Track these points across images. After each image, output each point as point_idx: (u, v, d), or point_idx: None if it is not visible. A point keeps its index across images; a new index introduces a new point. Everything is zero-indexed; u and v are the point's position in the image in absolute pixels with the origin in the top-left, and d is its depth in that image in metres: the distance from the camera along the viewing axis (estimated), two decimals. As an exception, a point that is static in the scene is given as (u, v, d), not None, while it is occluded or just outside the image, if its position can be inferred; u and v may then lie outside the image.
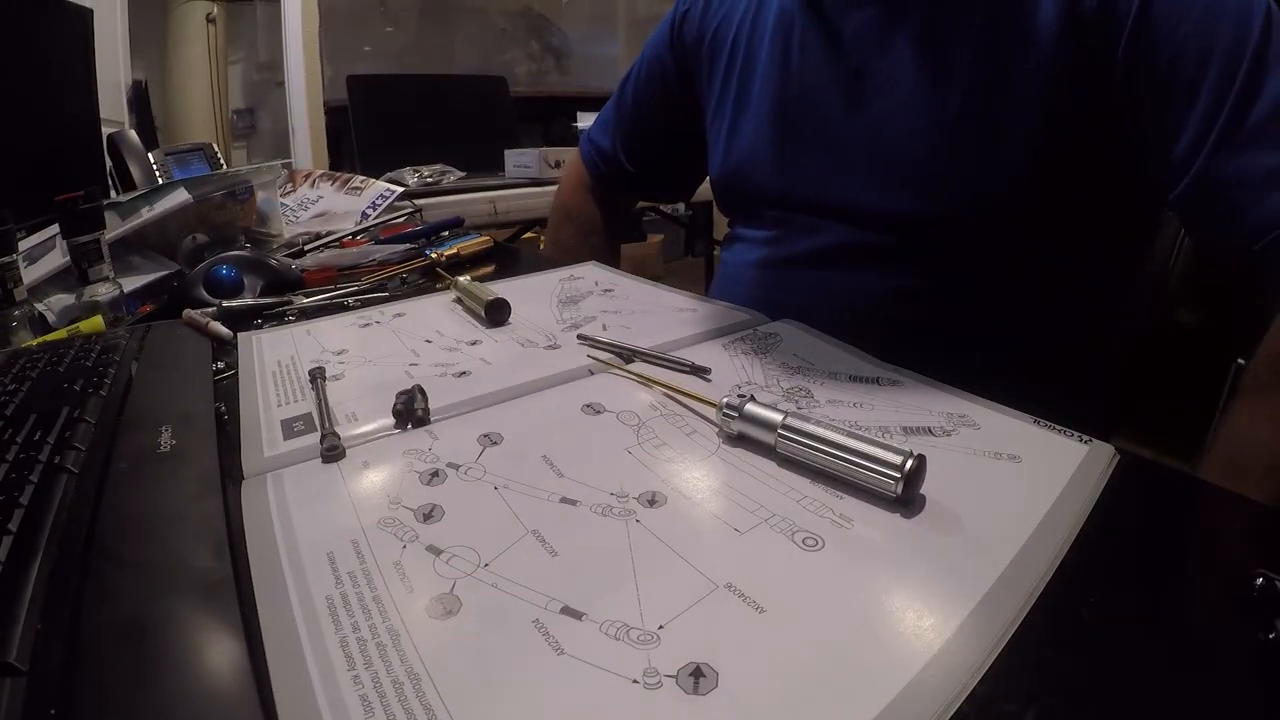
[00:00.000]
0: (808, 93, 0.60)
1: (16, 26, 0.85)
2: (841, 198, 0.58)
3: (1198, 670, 0.22)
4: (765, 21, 0.64)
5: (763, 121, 0.64)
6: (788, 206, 0.62)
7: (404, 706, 0.20)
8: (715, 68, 0.70)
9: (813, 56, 0.60)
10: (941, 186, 0.54)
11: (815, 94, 0.60)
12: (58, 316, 0.61)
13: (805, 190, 0.61)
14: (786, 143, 0.62)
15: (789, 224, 0.63)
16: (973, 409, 0.37)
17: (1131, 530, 0.29)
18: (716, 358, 0.44)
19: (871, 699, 0.20)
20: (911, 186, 0.55)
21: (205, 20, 2.37)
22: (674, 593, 0.24)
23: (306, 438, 0.36)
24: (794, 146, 0.61)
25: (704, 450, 0.34)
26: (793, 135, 0.61)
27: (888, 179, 0.56)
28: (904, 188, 0.55)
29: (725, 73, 0.68)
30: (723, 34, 0.69)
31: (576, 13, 3.12)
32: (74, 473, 0.30)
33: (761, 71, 0.64)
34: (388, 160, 1.53)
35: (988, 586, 0.24)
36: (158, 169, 1.39)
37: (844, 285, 0.59)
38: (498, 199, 1.40)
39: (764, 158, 0.64)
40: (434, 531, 0.28)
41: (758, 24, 0.65)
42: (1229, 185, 0.45)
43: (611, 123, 0.84)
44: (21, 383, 0.40)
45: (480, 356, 0.47)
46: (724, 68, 0.69)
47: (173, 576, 0.25)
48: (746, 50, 0.66)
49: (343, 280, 0.70)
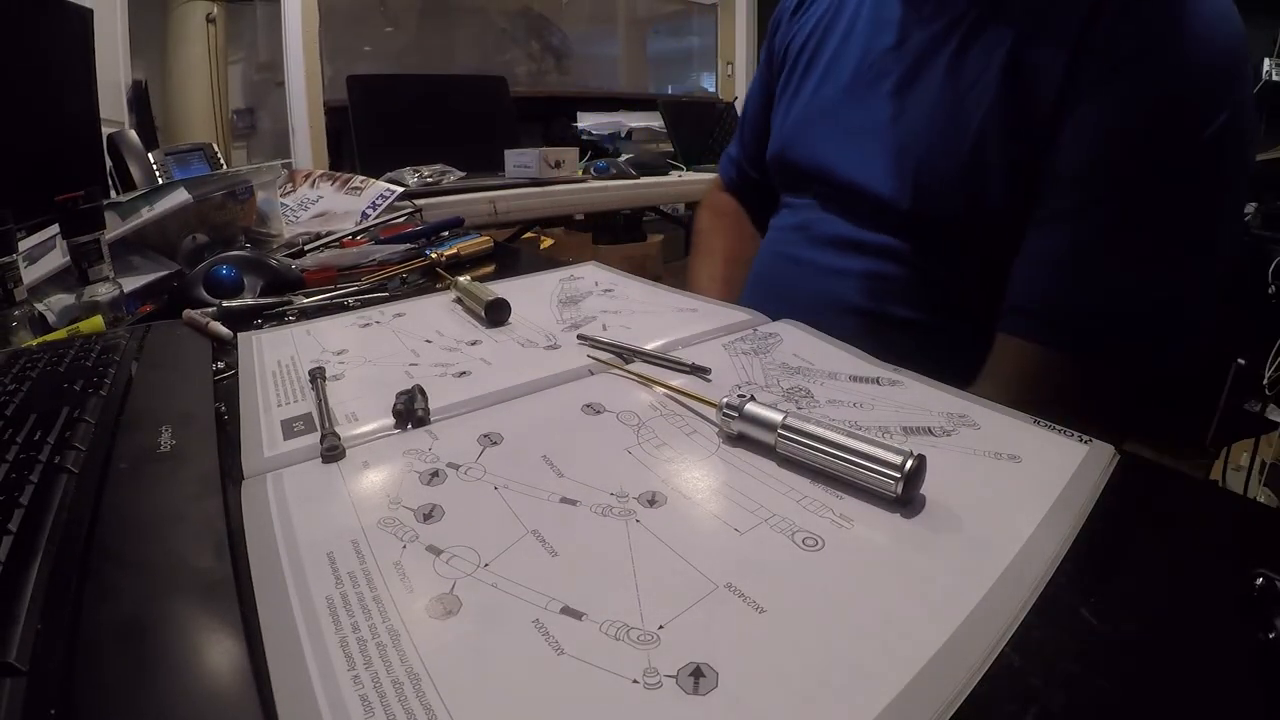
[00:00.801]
0: (858, 87, 0.63)
1: (16, 26, 0.85)
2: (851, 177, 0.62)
3: (1198, 670, 0.22)
4: (839, 22, 0.68)
5: (810, 107, 0.68)
6: (821, 181, 0.66)
7: (404, 706, 0.20)
8: (790, 60, 0.74)
9: (873, 58, 0.63)
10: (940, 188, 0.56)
11: (863, 90, 0.63)
12: (58, 316, 0.61)
13: (833, 168, 0.64)
14: (825, 126, 0.66)
15: (822, 198, 0.67)
16: (973, 409, 0.37)
17: (1131, 530, 0.29)
18: (716, 358, 0.44)
19: (871, 699, 0.20)
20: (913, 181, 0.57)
21: (205, 20, 2.37)
22: (674, 593, 0.24)
23: (306, 438, 0.36)
24: (830, 131, 0.65)
25: (704, 450, 0.34)
26: (829, 120, 0.66)
27: (900, 170, 0.58)
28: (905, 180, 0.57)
29: (795, 66, 0.73)
30: (802, 34, 0.73)
31: (576, 13, 3.12)
32: (74, 473, 0.30)
33: (824, 63, 0.68)
34: (388, 160, 1.52)
35: (988, 586, 0.24)
36: (158, 169, 1.39)
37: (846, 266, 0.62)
38: (498, 199, 1.40)
39: (807, 138, 0.68)
40: (434, 531, 0.28)
41: (832, 26, 0.69)
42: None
43: (738, 135, 0.89)
44: (21, 383, 0.40)
45: (480, 356, 0.47)
46: (795, 58, 0.73)
47: (173, 576, 0.25)
48: (818, 45, 0.70)
49: (343, 280, 0.70)
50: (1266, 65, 1.87)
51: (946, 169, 0.55)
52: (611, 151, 2.29)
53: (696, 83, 3.42)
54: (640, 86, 3.28)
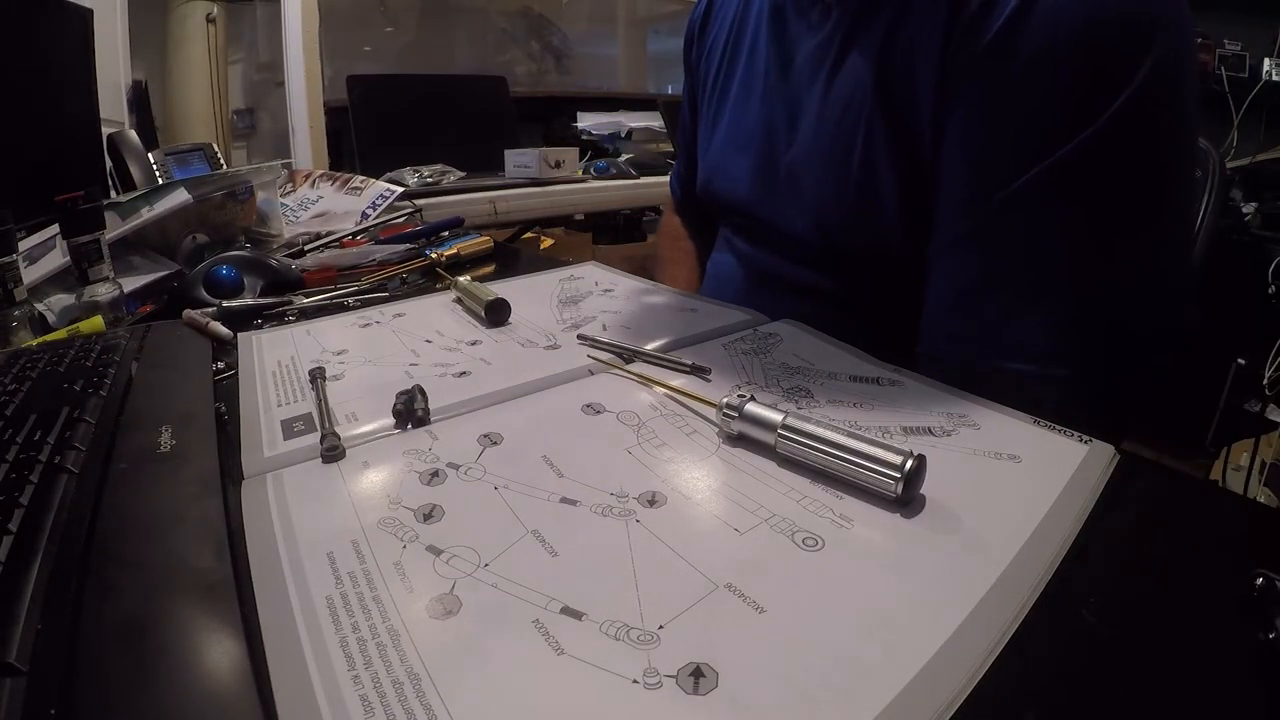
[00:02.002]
0: (763, 114, 0.60)
1: (16, 26, 0.85)
2: (767, 214, 0.59)
3: (1198, 670, 0.22)
4: (743, 41, 0.65)
5: (726, 138, 0.65)
6: (743, 216, 0.63)
7: (404, 706, 0.20)
8: (707, 82, 0.71)
9: (771, 79, 0.59)
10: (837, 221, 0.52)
11: (766, 117, 0.60)
12: (58, 316, 0.61)
13: (752, 206, 0.61)
14: (742, 160, 0.62)
15: (748, 233, 0.64)
16: (973, 409, 0.37)
17: (1131, 530, 0.29)
18: (716, 358, 0.44)
19: (871, 699, 0.20)
20: (815, 218, 0.54)
21: (205, 20, 2.37)
22: (674, 593, 0.24)
23: (306, 438, 0.36)
24: (746, 165, 0.62)
25: (704, 450, 0.34)
26: (744, 152, 0.62)
27: (804, 206, 0.55)
28: (809, 216, 0.54)
29: (713, 88, 0.69)
30: (714, 53, 0.70)
31: (576, 13, 3.12)
32: (74, 473, 0.30)
33: (735, 88, 0.65)
34: (388, 160, 1.52)
35: (988, 586, 0.24)
36: (158, 169, 1.39)
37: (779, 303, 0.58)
38: (498, 199, 1.40)
39: (728, 173, 0.65)
40: (434, 531, 0.28)
41: (739, 43, 0.66)
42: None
43: (680, 150, 0.85)
44: (21, 383, 0.40)
45: (480, 356, 0.47)
46: (711, 81, 0.70)
47: (173, 576, 0.25)
48: (729, 66, 0.67)
49: (343, 280, 0.70)
50: (1267, 65, 1.87)
51: (841, 203, 0.50)
52: (611, 151, 2.29)
53: (696, 83, 3.42)
54: (640, 86, 3.29)
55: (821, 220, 0.53)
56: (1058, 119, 0.40)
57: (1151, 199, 0.42)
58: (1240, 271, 1.49)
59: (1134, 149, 0.40)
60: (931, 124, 0.44)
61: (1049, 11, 0.39)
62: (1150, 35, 0.38)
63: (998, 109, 0.42)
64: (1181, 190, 0.45)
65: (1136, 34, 0.38)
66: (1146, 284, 0.43)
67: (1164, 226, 0.43)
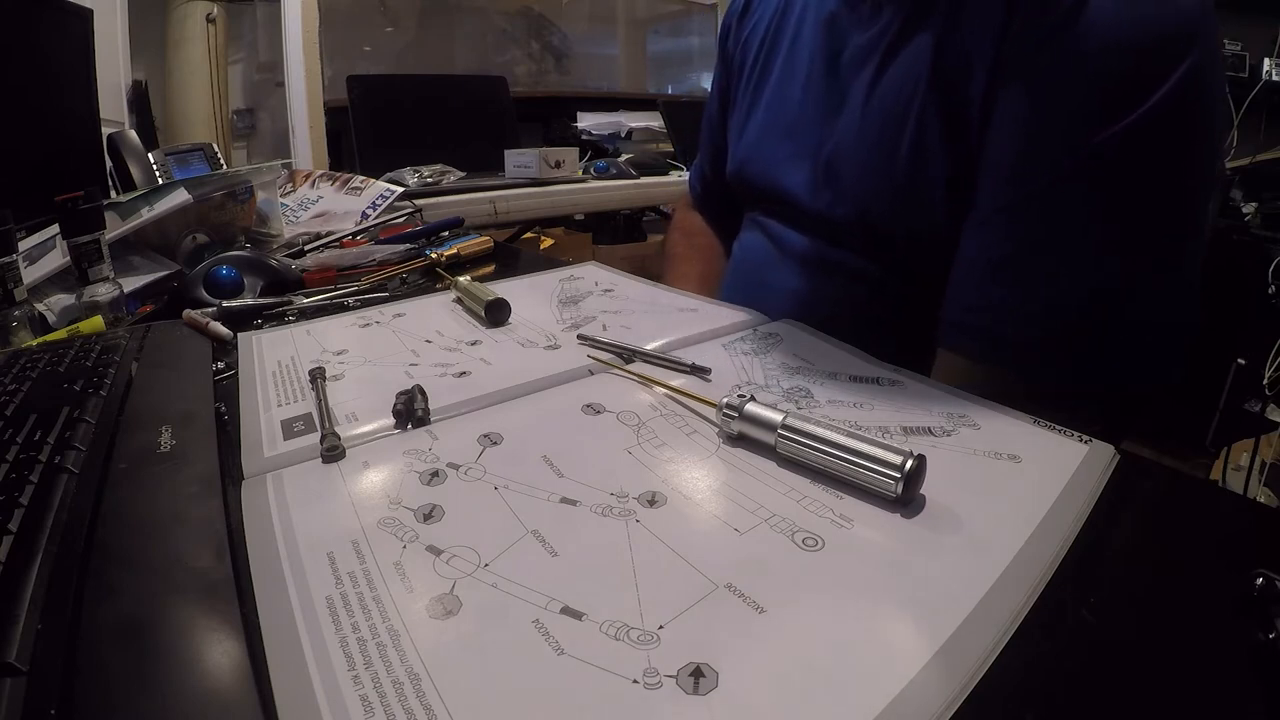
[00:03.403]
0: (804, 102, 0.61)
1: (16, 26, 0.85)
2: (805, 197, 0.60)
3: (1198, 670, 0.22)
4: (784, 32, 0.67)
5: (764, 123, 0.66)
6: (779, 201, 0.65)
7: (404, 706, 0.20)
8: (743, 70, 0.72)
9: (816, 70, 0.61)
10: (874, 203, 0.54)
11: (807, 105, 0.61)
12: (58, 316, 0.61)
13: (789, 190, 0.62)
14: (780, 145, 0.64)
15: (782, 217, 0.65)
16: (973, 409, 0.37)
17: (1131, 530, 0.29)
18: (716, 358, 0.44)
19: (871, 699, 0.20)
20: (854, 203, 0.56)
21: (205, 20, 2.37)
22: (674, 593, 0.24)
23: (306, 438, 0.36)
24: (784, 150, 0.63)
25: (704, 450, 0.34)
26: (783, 138, 0.64)
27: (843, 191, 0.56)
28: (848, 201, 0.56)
29: (749, 77, 0.71)
30: (752, 42, 0.72)
31: (576, 13, 3.12)
32: (74, 473, 0.30)
33: (775, 76, 0.66)
34: (388, 160, 1.52)
35: (988, 586, 0.24)
36: (158, 169, 1.39)
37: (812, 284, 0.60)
38: (498, 199, 1.40)
39: (764, 157, 0.66)
40: (434, 531, 0.28)
41: (780, 33, 0.68)
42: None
43: (703, 145, 0.86)
44: (21, 383, 0.40)
45: (480, 356, 0.47)
46: (748, 69, 0.71)
47: (173, 576, 0.25)
48: (769, 54, 0.69)
49: (343, 280, 0.70)
50: (1266, 65, 1.87)
51: (888, 188, 0.52)
52: (611, 151, 2.29)
53: (696, 83, 3.43)
54: (640, 86, 3.29)
55: (864, 205, 0.55)
56: (1101, 108, 0.43)
57: (1179, 194, 0.45)
58: (1240, 271, 1.50)
59: (1167, 146, 0.43)
60: (982, 106, 0.47)
61: (1101, 11, 0.43)
62: (1191, 39, 0.42)
63: (1047, 94, 0.45)
64: (1205, 190, 0.48)
65: (1177, 39, 0.42)
66: (1169, 274, 0.46)
67: (1189, 221, 0.46)
